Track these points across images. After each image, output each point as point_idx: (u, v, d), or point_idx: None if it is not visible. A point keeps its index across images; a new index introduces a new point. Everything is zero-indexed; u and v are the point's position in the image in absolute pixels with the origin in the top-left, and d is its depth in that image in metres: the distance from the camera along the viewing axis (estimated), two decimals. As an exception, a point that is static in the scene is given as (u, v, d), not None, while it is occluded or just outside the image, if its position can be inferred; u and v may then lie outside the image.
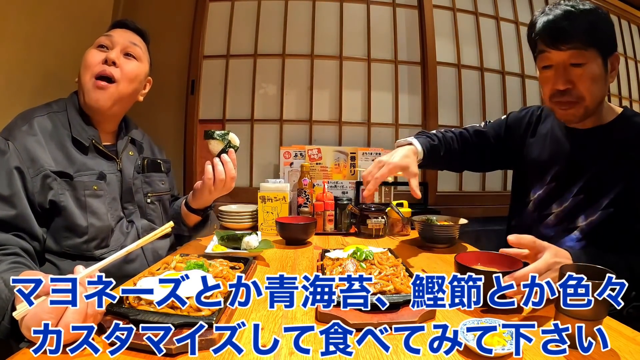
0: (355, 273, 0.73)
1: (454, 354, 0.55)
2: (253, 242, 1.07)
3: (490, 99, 2.24)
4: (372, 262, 0.79)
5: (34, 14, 1.49)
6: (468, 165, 1.33)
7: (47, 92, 1.54)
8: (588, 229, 0.99)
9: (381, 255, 0.84)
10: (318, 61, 2.13)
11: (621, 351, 0.56)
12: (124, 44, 1.08)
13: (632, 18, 2.78)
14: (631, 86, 2.67)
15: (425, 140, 1.16)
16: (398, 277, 0.74)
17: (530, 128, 1.17)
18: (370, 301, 0.61)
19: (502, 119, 1.26)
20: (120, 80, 1.06)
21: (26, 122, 0.95)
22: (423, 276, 0.62)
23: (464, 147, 1.23)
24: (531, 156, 1.14)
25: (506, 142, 1.22)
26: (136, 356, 0.53)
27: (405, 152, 1.06)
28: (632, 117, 1.00)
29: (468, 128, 1.27)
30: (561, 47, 0.92)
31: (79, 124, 1.03)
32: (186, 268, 0.73)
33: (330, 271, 0.81)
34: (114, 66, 1.05)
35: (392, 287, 0.70)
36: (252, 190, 1.98)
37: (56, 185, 0.93)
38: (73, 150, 1.00)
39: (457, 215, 1.34)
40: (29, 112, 0.99)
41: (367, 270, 0.74)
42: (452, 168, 1.35)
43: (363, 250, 0.81)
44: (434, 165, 1.30)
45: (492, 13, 2.30)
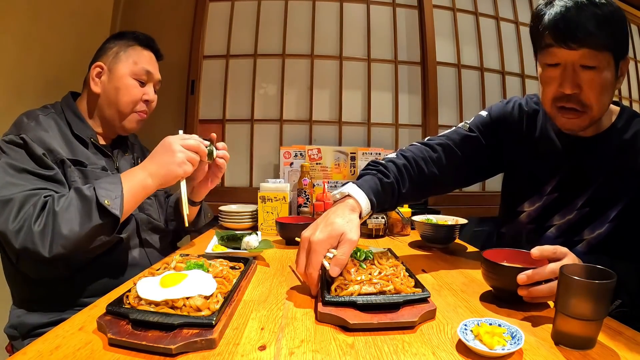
0: (356, 273, 0.73)
1: (454, 354, 0.55)
2: (253, 242, 1.07)
3: (491, 99, 2.24)
4: (372, 262, 0.79)
5: (34, 14, 1.49)
6: (462, 181, 1.14)
7: (47, 92, 1.54)
8: (595, 242, 0.92)
9: (381, 255, 0.84)
10: (318, 61, 2.13)
11: (621, 351, 0.56)
12: (155, 80, 1.17)
13: (632, 18, 2.78)
14: (631, 86, 2.67)
15: (374, 181, 0.91)
16: (398, 277, 0.74)
17: (522, 127, 1.04)
18: (371, 301, 0.61)
19: (483, 115, 1.09)
20: (148, 113, 1.18)
21: (32, 119, 0.97)
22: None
23: (451, 162, 1.03)
24: (524, 162, 1.04)
25: (497, 140, 1.07)
26: (136, 356, 0.53)
27: (338, 217, 0.79)
28: (632, 117, 0.93)
29: (452, 136, 1.06)
30: (572, 45, 0.79)
31: (78, 124, 1.06)
32: (186, 268, 0.73)
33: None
34: (149, 104, 1.16)
35: (392, 287, 0.70)
36: (252, 190, 1.98)
37: (71, 173, 0.96)
38: (76, 145, 1.03)
39: (457, 215, 1.34)
40: (32, 112, 1.01)
41: (367, 270, 0.75)
42: (438, 193, 1.16)
43: (363, 251, 0.81)
44: (396, 205, 1.02)
45: (492, 13, 2.30)
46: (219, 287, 0.68)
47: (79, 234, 0.83)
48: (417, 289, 0.71)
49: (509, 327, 0.58)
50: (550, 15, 0.81)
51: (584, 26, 0.77)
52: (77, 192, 0.86)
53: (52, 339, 0.57)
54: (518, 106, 1.06)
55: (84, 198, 0.85)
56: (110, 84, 1.09)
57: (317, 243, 0.74)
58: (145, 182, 0.94)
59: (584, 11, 0.78)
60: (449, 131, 1.09)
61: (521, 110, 1.06)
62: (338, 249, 0.74)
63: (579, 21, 0.78)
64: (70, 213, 0.83)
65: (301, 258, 0.76)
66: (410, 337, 0.60)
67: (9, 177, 0.87)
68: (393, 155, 1.04)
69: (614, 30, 0.79)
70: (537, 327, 0.64)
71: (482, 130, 1.07)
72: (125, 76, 1.10)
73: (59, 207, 0.83)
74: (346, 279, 0.71)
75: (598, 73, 0.81)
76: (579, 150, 0.94)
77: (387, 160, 1.01)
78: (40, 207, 0.83)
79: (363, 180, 0.92)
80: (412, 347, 0.56)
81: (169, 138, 1.00)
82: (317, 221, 0.80)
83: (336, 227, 0.76)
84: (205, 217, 1.33)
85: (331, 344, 0.57)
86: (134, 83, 1.11)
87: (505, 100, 1.11)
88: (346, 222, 0.77)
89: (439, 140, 1.06)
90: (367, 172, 0.97)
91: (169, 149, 0.97)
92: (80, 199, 0.85)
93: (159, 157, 0.97)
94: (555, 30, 0.81)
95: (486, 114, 1.09)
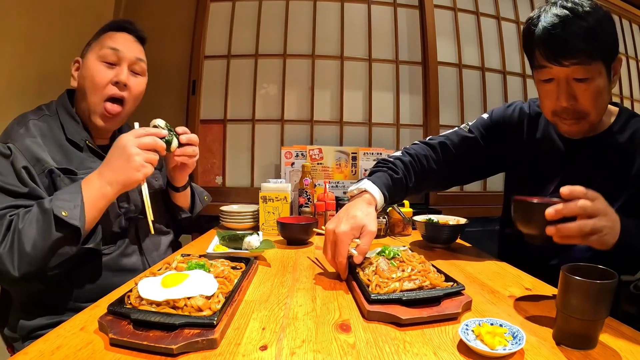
0: (389, 271, 0.75)
1: (456, 354, 0.55)
2: (254, 242, 1.06)
3: (492, 98, 2.24)
4: (402, 260, 0.81)
5: (34, 14, 1.49)
6: (458, 179, 1.21)
7: (48, 92, 1.54)
8: None
9: (406, 253, 0.86)
10: (319, 61, 2.13)
11: (621, 351, 0.56)
12: (130, 59, 1.05)
13: (633, 17, 2.77)
14: (632, 86, 2.67)
15: (385, 177, 1.01)
16: (430, 272, 0.76)
17: (523, 129, 1.08)
18: (416, 297, 0.68)
19: (484, 117, 1.15)
20: (129, 100, 1.06)
21: (22, 126, 0.95)
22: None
23: (450, 161, 1.11)
24: (527, 163, 1.06)
25: (496, 143, 1.11)
26: (137, 356, 0.53)
27: (358, 210, 0.89)
28: (630, 117, 0.96)
29: (451, 136, 1.14)
30: (563, 62, 0.83)
31: (72, 127, 1.02)
32: (187, 268, 0.73)
33: (362, 269, 0.82)
34: (124, 88, 1.04)
35: (429, 282, 0.73)
36: (253, 190, 1.98)
37: (60, 182, 0.93)
38: (70, 149, 1.00)
39: (459, 215, 1.34)
40: (24, 117, 0.99)
41: (399, 267, 0.76)
42: (437, 189, 1.20)
43: (391, 249, 0.84)
44: (405, 197, 1.13)
45: (493, 13, 2.30)
46: (220, 287, 0.68)
47: (42, 249, 0.81)
48: (448, 283, 0.74)
49: (510, 327, 0.58)
50: (539, 32, 0.85)
51: (572, 43, 0.81)
52: (38, 206, 0.83)
53: (53, 339, 0.57)
54: (519, 110, 1.10)
55: (43, 211, 0.82)
56: (81, 74, 1.02)
57: (342, 234, 0.83)
58: (104, 190, 0.88)
59: (571, 26, 0.81)
60: (450, 131, 1.16)
61: (522, 114, 1.09)
62: (361, 239, 0.85)
63: (566, 38, 0.81)
64: (32, 229, 0.81)
65: (327, 247, 0.87)
66: (412, 337, 0.60)
67: None
68: (399, 153, 1.13)
69: (602, 39, 0.82)
70: (539, 327, 0.64)
71: (481, 132, 1.12)
72: (92, 62, 1.01)
73: (22, 224, 0.81)
74: (381, 277, 0.74)
75: (591, 83, 0.84)
76: (581, 150, 0.97)
77: (394, 158, 1.10)
78: (5, 228, 0.82)
79: (376, 177, 1.01)
80: (414, 347, 0.56)
81: (122, 138, 0.91)
82: (339, 214, 0.90)
83: (357, 220, 0.86)
84: (201, 200, 1.29)
85: (332, 344, 0.57)
86: (99, 68, 1.01)
87: (507, 104, 1.15)
88: (365, 215, 0.88)
89: (439, 140, 1.14)
90: (378, 169, 1.07)
91: (124, 152, 0.89)
92: (40, 213, 0.82)
93: (115, 162, 0.89)
94: (544, 50, 0.85)
95: (487, 116, 1.15)
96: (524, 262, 1.01)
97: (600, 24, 0.82)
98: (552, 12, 0.83)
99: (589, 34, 0.80)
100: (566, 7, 0.82)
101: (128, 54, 1.04)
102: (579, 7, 0.82)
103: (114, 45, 1.02)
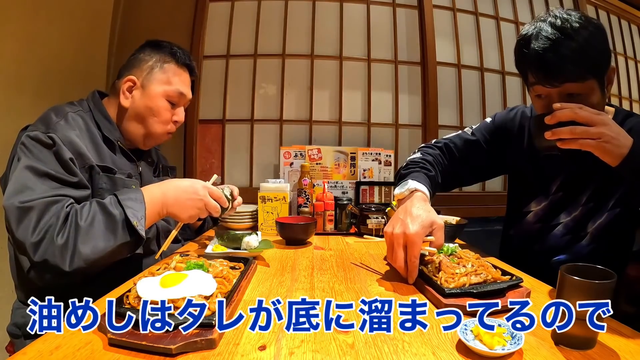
0: (450, 267, 0.79)
1: (454, 354, 0.55)
2: (253, 242, 1.06)
3: (491, 99, 2.24)
4: (459, 256, 0.84)
5: (34, 14, 1.49)
6: (461, 181, 1.24)
7: (48, 92, 1.54)
8: (597, 233, 0.98)
9: (460, 250, 0.89)
10: (318, 61, 2.13)
11: (621, 351, 0.56)
12: (187, 101, 1.16)
13: (632, 18, 2.78)
14: (631, 86, 2.67)
15: (423, 176, 1.02)
16: (489, 267, 0.80)
17: (524, 131, 1.10)
18: (484, 289, 0.72)
19: (487, 121, 1.18)
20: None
21: (62, 117, 0.94)
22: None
23: (453, 163, 1.15)
24: (529, 164, 1.09)
25: (498, 146, 1.14)
26: (136, 356, 0.53)
27: (420, 209, 0.87)
28: (626, 117, 0.97)
29: (454, 139, 1.17)
30: (555, 84, 0.85)
31: (106, 125, 1.04)
32: (186, 268, 0.73)
33: (425, 267, 0.85)
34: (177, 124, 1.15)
35: (490, 276, 0.76)
36: (252, 190, 1.98)
37: (99, 179, 0.95)
38: (103, 148, 1.01)
39: (458, 215, 1.34)
40: (60, 108, 0.98)
41: (459, 263, 0.80)
42: (445, 190, 1.22)
43: (448, 246, 0.88)
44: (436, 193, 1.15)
45: (492, 13, 2.30)
46: (219, 287, 0.68)
47: (102, 251, 0.83)
48: (506, 276, 0.79)
49: (509, 327, 0.58)
50: (530, 56, 0.86)
51: (563, 66, 0.82)
52: (100, 207, 0.85)
53: (52, 339, 0.56)
54: (521, 114, 1.13)
55: (109, 215, 0.84)
56: (142, 101, 1.06)
57: (414, 235, 0.81)
58: (161, 211, 0.96)
59: (561, 47, 0.81)
60: (453, 135, 1.20)
61: (524, 118, 1.12)
62: (434, 235, 0.85)
63: (557, 62, 0.82)
64: (94, 229, 0.82)
65: (398, 252, 0.82)
66: (410, 337, 0.60)
67: (29, 181, 0.84)
68: (419, 154, 1.15)
69: (592, 56, 0.82)
70: (537, 327, 0.64)
71: (484, 135, 1.16)
72: (158, 96, 1.07)
73: (83, 221, 0.82)
74: (446, 273, 0.77)
75: (585, 98, 0.84)
76: (580, 150, 0.97)
77: (420, 159, 1.11)
78: (63, 219, 0.82)
79: (415, 177, 1.01)
80: (412, 347, 0.56)
81: (199, 182, 1.02)
82: (398, 217, 0.87)
83: (425, 217, 0.84)
84: (207, 225, 1.35)
85: (331, 344, 0.57)
86: (166, 105, 1.09)
87: (510, 108, 1.18)
88: (429, 211, 0.87)
89: (443, 142, 1.18)
90: (411, 170, 1.06)
91: (196, 192, 0.99)
92: (105, 215, 0.84)
93: (181, 194, 0.98)
94: (536, 74, 0.87)
95: (490, 120, 1.18)
96: (524, 263, 1.03)
97: (590, 42, 0.82)
98: (543, 35, 0.84)
99: (579, 55, 0.81)
100: (556, 25, 0.83)
101: (188, 96, 1.15)
102: (568, 26, 0.82)
103: (182, 89, 1.12)
